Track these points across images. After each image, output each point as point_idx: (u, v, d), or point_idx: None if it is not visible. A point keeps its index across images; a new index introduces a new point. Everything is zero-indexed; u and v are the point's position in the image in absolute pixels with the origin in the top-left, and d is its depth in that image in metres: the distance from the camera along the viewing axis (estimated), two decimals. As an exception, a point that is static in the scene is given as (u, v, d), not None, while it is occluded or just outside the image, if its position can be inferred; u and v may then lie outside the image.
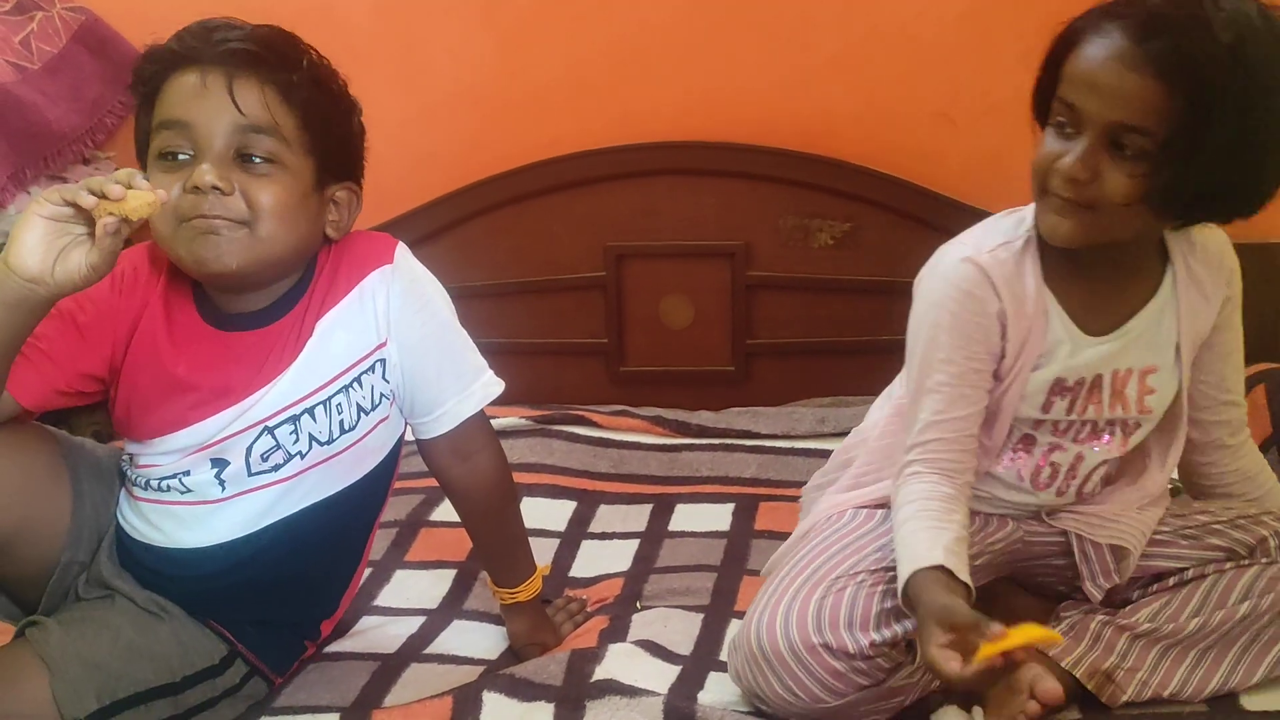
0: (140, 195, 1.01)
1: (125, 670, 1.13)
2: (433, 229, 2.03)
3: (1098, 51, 1.08)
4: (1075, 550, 1.24)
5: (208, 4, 2.07)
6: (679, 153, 1.99)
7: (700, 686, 1.23)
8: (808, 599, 1.16)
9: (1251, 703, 1.19)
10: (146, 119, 1.16)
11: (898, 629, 1.14)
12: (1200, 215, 1.14)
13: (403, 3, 2.04)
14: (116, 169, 2.17)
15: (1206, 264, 1.22)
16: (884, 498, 1.25)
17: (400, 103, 1.97)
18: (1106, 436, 1.23)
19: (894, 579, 1.15)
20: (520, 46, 2.04)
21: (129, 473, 1.23)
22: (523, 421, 1.91)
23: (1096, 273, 1.19)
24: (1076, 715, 1.19)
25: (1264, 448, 1.55)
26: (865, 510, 1.27)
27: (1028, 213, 1.20)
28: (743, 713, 1.18)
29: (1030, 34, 1.22)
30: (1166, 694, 1.18)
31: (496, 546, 1.34)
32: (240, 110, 1.12)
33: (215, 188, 1.10)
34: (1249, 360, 1.79)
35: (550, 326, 2.07)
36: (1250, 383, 1.69)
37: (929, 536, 1.12)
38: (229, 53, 1.13)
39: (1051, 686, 1.15)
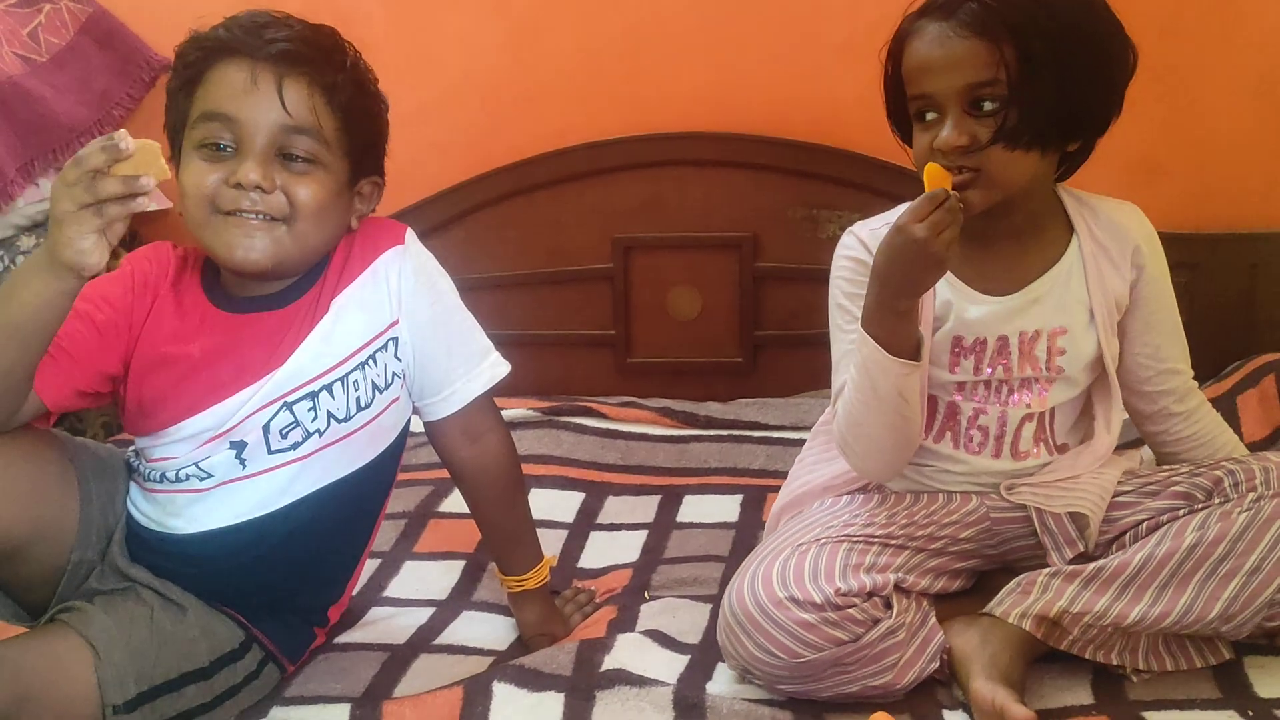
0: (147, 146, 1.00)
1: (160, 656, 1.14)
2: (441, 220, 2.03)
3: (923, 41, 1.21)
4: (1036, 523, 1.26)
5: (215, -4, 2.08)
6: (687, 144, 1.99)
7: (709, 677, 1.23)
8: (772, 562, 1.20)
9: (1264, 689, 1.18)
10: (185, 102, 1.17)
11: (865, 579, 1.18)
12: (1066, 143, 1.23)
13: (411, -6, 2.05)
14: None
15: (1112, 234, 1.29)
16: (846, 477, 1.32)
17: (408, 93, 1.94)
18: (1025, 394, 1.28)
19: (859, 541, 1.23)
20: (529, 37, 2.04)
21: (141, 468, 1.24)
22: (530, 413, 1.91)
23: (996, 240, 1.26)
24: (1089, 700, 1.18)
25: (1274, 437, 1.55)
26: (832, 498, 1.33)
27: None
28: (751, 701, 1.18)
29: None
30: (1125, 625, 1.17)
31: (505, 531, 1.35)
32: (288, 111, 1.14)
33: (258, 186, 1.13)
34: (1237, 350, 1.81)
35: (558, 318, 2.07)
36: (1260, 373, 1.70)
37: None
38: (281, 52, 1.14)
39: (1019, 711, 1.11)
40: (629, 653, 1.25)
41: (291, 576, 1.25)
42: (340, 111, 1.17)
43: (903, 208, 1.27)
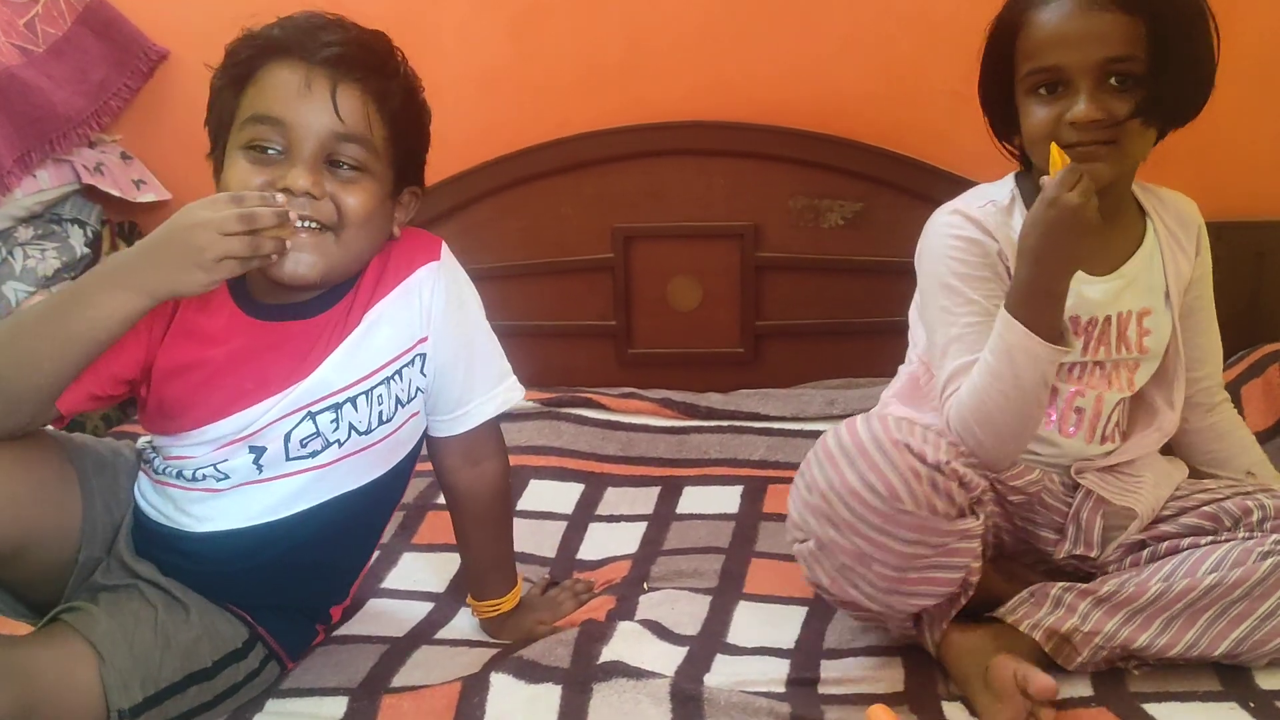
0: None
1: (164, 658, 1.14)
2: (441, 210, 2.02)
3: (1056, 12, 1.19)
4: (1072, 511, 1.26)
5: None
6: (688, 133, 1.98)
7: (707, 669, 1.23)
8: (887, 417, 1.19)
9: (1266, 681, 1.17)
10: (233, 100, 1.15)
11: (968, 472, 1.15)
12: (1174, 123, 1.25)
13: (413, -17, 2.03)
14: (122, 152, 2.18)
15: (1178, 220, 1.33)
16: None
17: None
18: (1118, 377, 1.29)
19: (954, 448, 1.19)
20: (531, 27, 2.02)
21: (157, 463, 1.23)
22: (531, 404, 1.90)
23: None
24: (1089, 693, 1.18)
25: (1279, 427, 1.54)
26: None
27: (1008, 178, 1.31)
28: (749, 693, 1.17)
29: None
30: (1132, 649, 1.16)
31: (487, 557, 1.34)
32: (341, 118, 1.12)
33: (308, 192, 1.11)
34: (1243, 339, 1.80)
35: (558, 308, 2.07)
36: (1265, 362, 1.69)
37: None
38: (336, 56, 1.12)
39: (1044, 682, 1.10)
40: (626, 644, 1.24)
41: (300, 580, 1.25)
42: (390, 120, 1.16)
43: (989, 188, 1.31)
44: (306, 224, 1.13)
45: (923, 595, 1.16)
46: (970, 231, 1.25)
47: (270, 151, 1.13)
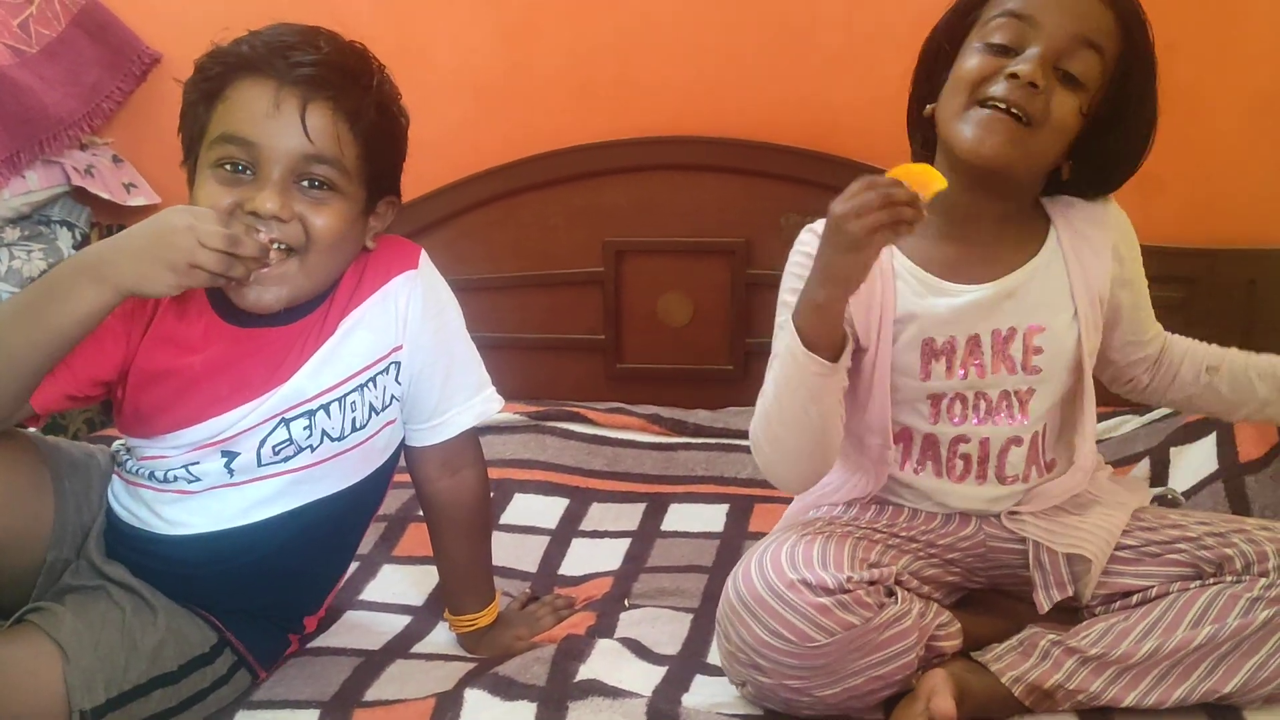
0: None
1: (129, 661, 1.12)
2: (430, 220, 2.01)
3: None
4: (1031, 557, 1.22)
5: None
6: (680, 148, 1.97)
7: (685, 689, 1.21)
8: (779, 548, 1.15)
9: (1256, 717, 1.15)
10: (204, 115, 1.14)
11: (874, 572, 1.13)
12: (1107, 174, 1.20)
13: (404, -7, 2.03)
14: (114, 155, 2.17)
15: (1091, 223, 1.23)
16: (850, 496, 1.28)
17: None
18: (1003, 409, 1.21)
19: (861, 539, 1.18)
20: (522, 38, 2.02)
21: (130, 464, 1.22)
22: (517, 417, 1.89)
23: (974, 228, 1.20)
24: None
25: (1269, 457, 1.53)
26: (827, 504, 1.29)
27: None
28: (728, 715, 1.15)
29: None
30: (1120, 706, 1.13)
31: (464, 568, 1.33)
32: (310, 139, 1.11)
33: (275, 216, 1.10)
34: None
35: (547, 321, 2.06)
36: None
37: None
38: (305, 77, 1.11)
39: (945, 705, 1.10)
40: (604, 662, 1.23)
41: (271, 588, 1.24)
42: (362, 138, 1.14)
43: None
44: (275, 246, 1.12)
45: (880, 690, 1.14)
46: (810, 248, 1.17)
47: (239, 171, 1.12)
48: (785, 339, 1.12)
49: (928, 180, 1.05)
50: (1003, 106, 1.11)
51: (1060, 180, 1.21)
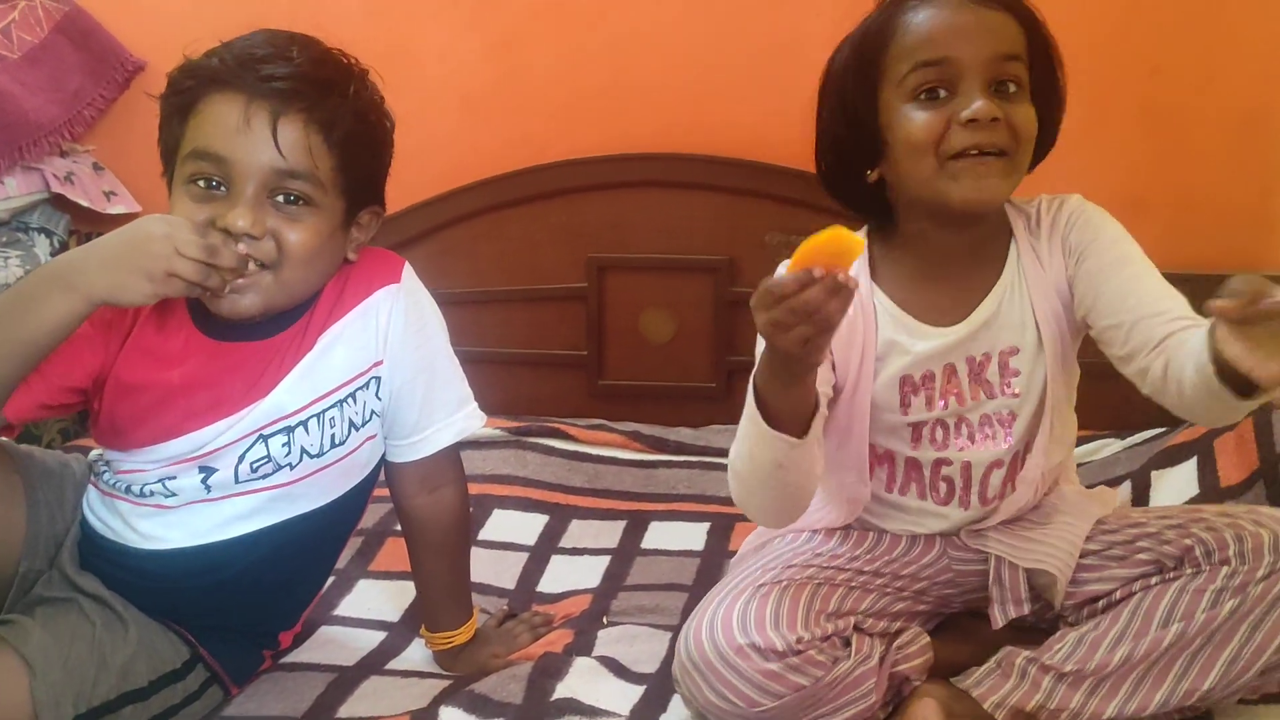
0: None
1: (99, 676, 1.11)
2: (413, 233, 2.00)
3: (939, 7, 1.10)
4: (991, 575, 1.21)
5: (196, 1, 2.05)
6: (665, 164, 1.97)
7: (663, 709, 1.20)
8: (732, 605, 1.14)
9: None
10: (177, 128, 1.14)
11: (828, 626, 1.12)
12: (1037, 156, 1.16)
13: (393, 3, 2.03)
14: (94, 162, 2.15)
15: (1042, 233, 1.18)
16: (820, 525, 1.26)
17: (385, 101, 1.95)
18: (986, 433, 1.19)
19: (822, 584, 1.17)
20: (509, 53, 2.02)
21: (106, 476, 1.21)
22: (497, 433, 1.88)
23: (950, 260, 1.18)
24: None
25: (1250, 481, 1.53)
26: (792, 532, 1.27)
27: (862, 231, 1.21)
28: (706, 736, 1.14)
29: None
30: (1105, 719, 1.13)
31: (442, 585, 1.31)
32: (282, 153, 1.10)
33: (247, 233, 1.09)
34: None
35: (529, 337, 2.05)
36: (1237, 415, 1.68)
37: None
38: (276, 91, 1.10)
39: None
40: (582, 681, 1.22)
41: (247, 604, 1.22)
42: (339, 149, 1.13)
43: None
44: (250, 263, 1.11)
45: None
46: None
47: (213, 186, 1.11)
48: (748, 406, 1.07)
49: (843, 248, 0.94)
50: (975, 152, 1.09)
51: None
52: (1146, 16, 1.87)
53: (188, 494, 1.17)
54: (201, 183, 1.11)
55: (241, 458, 1.16)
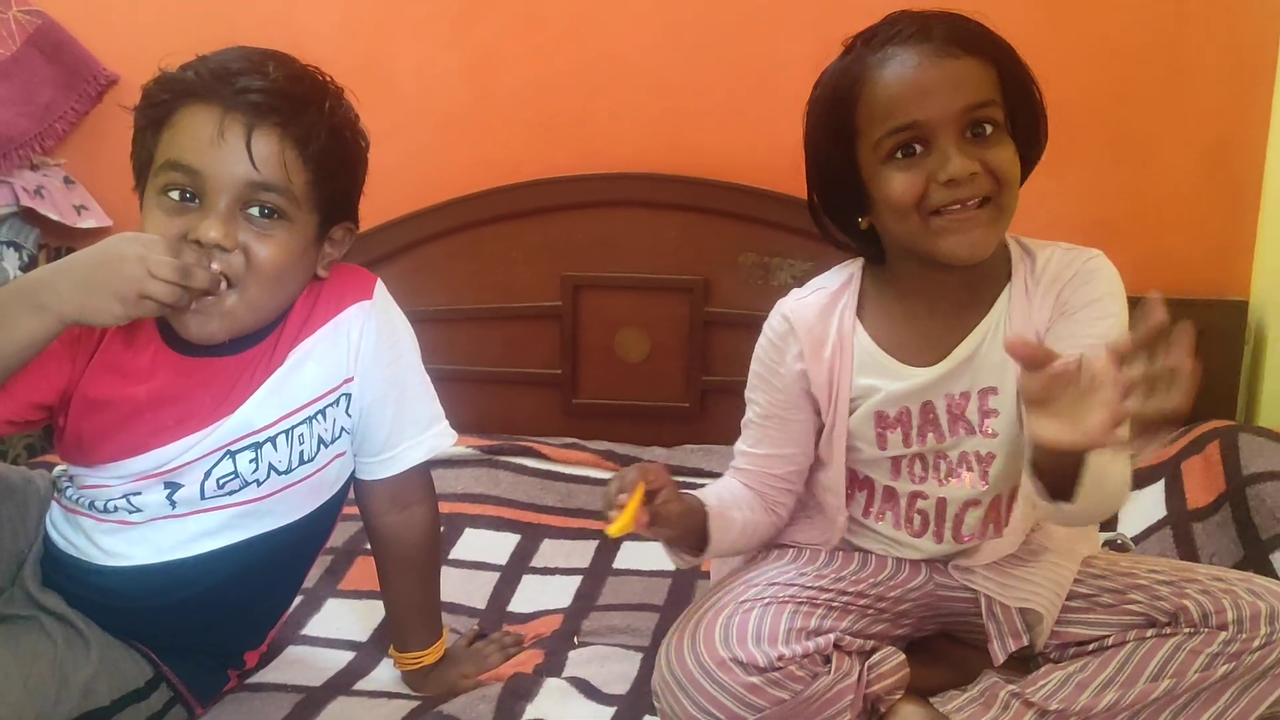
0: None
1: (60, 695, 1.09)
2: (388, 250, 2.00)
3: (904, 65, 1.09)
4: (984, 610, 1.21)
5: (169, 14, 2.05)
6: (641, 184, 1.97)
7: (635, 730, 1.19)
8: (714, 619, 1.14)
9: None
10: (151, 141, 1.13)
11: (809, 644, 1.13)
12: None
13: (369, 20, 2.03)
14: (65, 176, 2.13)
15: (1040, 278, 1.18)
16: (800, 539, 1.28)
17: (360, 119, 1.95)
18: (962, 473, 1.20)
19: (803, 603, 1.17)
20: (486, 71, 2.02)
21: (70, 492, 1.19)
22: (469, 451, 1.87)
23: (935, 306, 1.18)
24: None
25: (1217, 504, 1.54)
26: (777, 549, 1.28)
27: (858, 264, 1.23)
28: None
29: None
30: None
31: (411, 604, 1.30)
32: (255, 166, 1.09)
33: (218, 244, 1.08)
34: (1205, 415, 1.81)
35: (503, 355, 2.04)
36: (1204, 439, 1.70)
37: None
38: (251, 104, 1.09)
39: None
40: (552, 702, 1.21)
41: (212, 623, 1.21)
42: (312, 164, 1.12)
43: (833, 272, 1.26)
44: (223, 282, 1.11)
45: None
46: (779, 339, 1.22)
47: (186, 199, 1.10)
48: None
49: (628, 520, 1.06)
50: (958, 206, 1.09)
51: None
52: (1115, 45, 1.90)
53: (152, 510, 1.15)
54: (174, 194, 1.10)
55: (208, 474, 1.15)
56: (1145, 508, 1.60)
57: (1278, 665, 1.09)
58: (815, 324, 1.21)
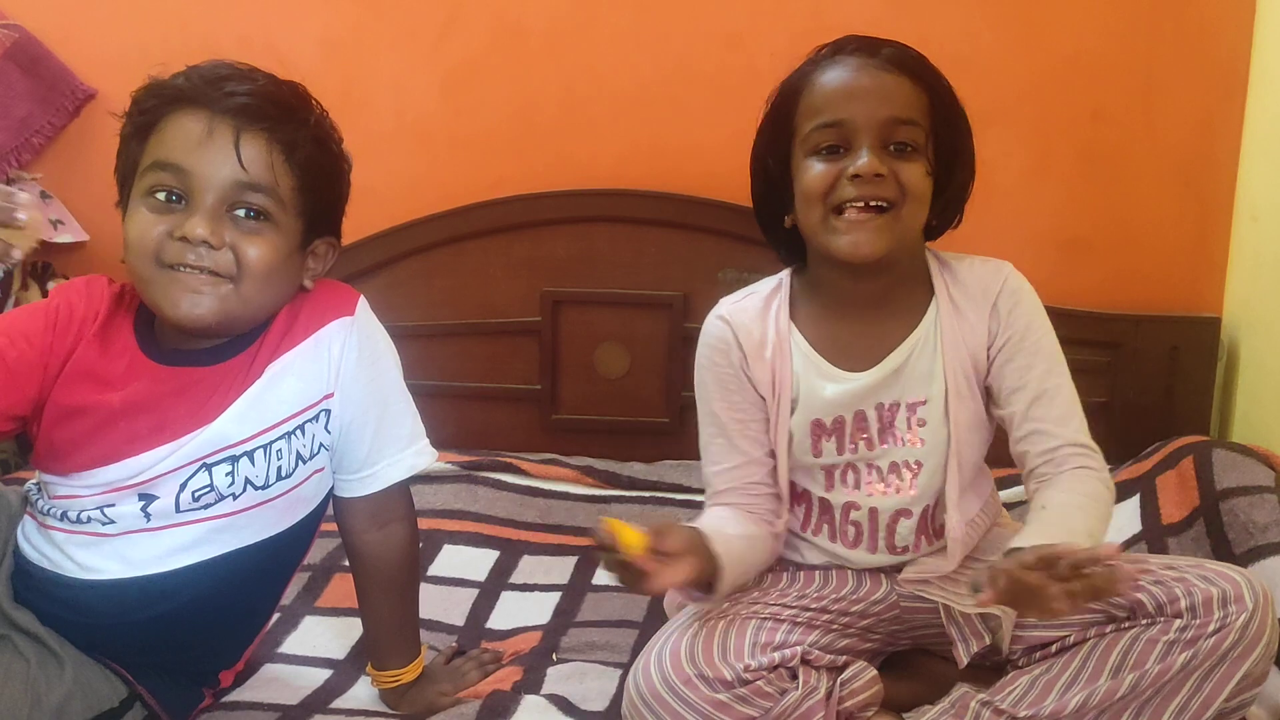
0: (35, 219, 1.03)
1: (32, 715, 1.08)
2: (367, 265, 2.00)
3: (843, 70, 1.18)
4: (943, 616, 1.23)
5: (148, 29, 2.04)
6: (621, 201, 1.98)
7: (613, 747, 1.19)
8: (680, 637, 1.16)
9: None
10: (137, 149, 1.13)
11: (774, 655, 1.14)
12: (945, 216, 1.24)
13: (348, 37, 2.03)
14: (42, 191, 2.12)
15: (968, 293, 1.24)
16: None
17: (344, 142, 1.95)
18: (892, 482, 1.24)
19: (767, 619, 1.19)
20: (465, 87, 2.03)
21: (41, 503, 1.18)
22: (449, 467, 1.87)
23: (859, 308, 1.24)
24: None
25: (1191, 519, 1.55)
26: None
27: (786, 272, 1.30)
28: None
29: (974, 98, 1.23)
30: None
31: (390, 622, 1.29)
32: (243, 166, 1.10)
33: (205, 241, 1.08)
34: (1158, 431, 1.82)
35: (483, 370, 2.04)
36: (1178, 455, 1.71)
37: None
38: (240, 106, 1.10)
39: None
40: (531, 719, 1.20)
41: (187, 640, 1.20)
42: (298, 170, 1.13)
43: (762, 283, 1.30)
44: (203, 272, 1.11)
45: None
46: (720, 342, 1.27)
47: (171, 199, 1.11)
48: None
49: (625, 541, 1.09)
50: (859, 205, 1.16)
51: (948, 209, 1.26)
52: (1088, 62, 1.92)
53: (126, 522, 1.14)
54: (161, 194, 1.11)
55: (183, 486, 1.14)
56: (1119, 523, 1.61)
57: (1234, 649, 1.09)
58: (753, 325, 1.26)
